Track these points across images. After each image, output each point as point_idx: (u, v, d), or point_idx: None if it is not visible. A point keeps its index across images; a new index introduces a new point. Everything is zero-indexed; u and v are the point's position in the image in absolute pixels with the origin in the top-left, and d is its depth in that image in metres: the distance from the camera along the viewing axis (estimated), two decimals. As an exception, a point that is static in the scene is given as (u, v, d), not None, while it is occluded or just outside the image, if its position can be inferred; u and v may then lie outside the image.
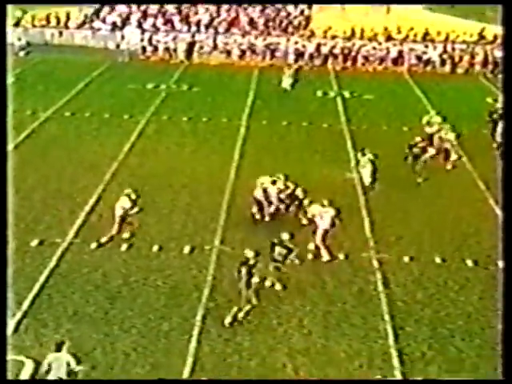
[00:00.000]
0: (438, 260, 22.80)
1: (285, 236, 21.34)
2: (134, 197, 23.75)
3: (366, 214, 25.92)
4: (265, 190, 24.88)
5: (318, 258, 22.56)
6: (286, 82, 43.79)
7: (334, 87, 45.58)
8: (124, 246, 23.04)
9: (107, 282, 21.02)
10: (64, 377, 15.90)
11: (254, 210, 24.93)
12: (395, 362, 17.62)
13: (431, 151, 29.18)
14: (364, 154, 28.05)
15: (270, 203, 24.90)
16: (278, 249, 21.18)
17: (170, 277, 21.42)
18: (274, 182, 25.00)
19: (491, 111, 34.86)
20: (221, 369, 17.15)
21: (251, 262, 19.29)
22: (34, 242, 23.24)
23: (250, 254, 19.60)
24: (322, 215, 23.00)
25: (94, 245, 23.12)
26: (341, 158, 28.25)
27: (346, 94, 43.57)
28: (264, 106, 40.33)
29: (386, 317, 19.54)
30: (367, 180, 27.63)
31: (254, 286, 19.42)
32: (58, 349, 16.13)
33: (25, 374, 16.63)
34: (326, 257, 22.67)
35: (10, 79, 43.34)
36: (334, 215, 22.95)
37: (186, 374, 16.79)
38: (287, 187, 24.88)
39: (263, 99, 41.66)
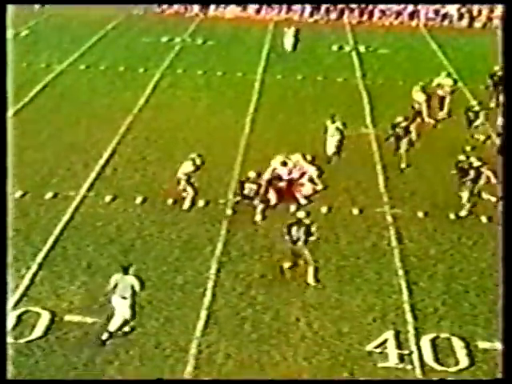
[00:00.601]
0: (451, 216, 22.76)
1: (252, 174, 21.98)
2: (198, 162, 22.81)
3: (380, 169, 25.86)
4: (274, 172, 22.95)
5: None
6: (288, 43, 42.11)
7: (350, 41, 45.29)
8: (138, 199, 23.09)
9: (121, 235, 21.09)
10: (128, 298, 16.06)
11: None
12: (408, 316, 17.63)
13: (414, 132, 26.67)
14: (334, 122, 26.27)
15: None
16: (247, 185, 21.95)
17: (183, 230, 21.46)
18: (284, 164, 22.98)
19: (491, 74, 32.94)
20: (234, 322, 17.21)
21: (305, 221, 19.01)
22: (49, 195, 23.31)
23: (301, 214, 19.34)
24: (302, 169, 22.93)
25: (108, 198, 23.19)
26: (356, 113, 28.07)
27: (362, 49, 43.31)
28: (279, 60, 40.13)
29: (400, 272, 19.54)
30: (331, 150, 25.94)
31: (310, 243, 19.21)
32: (125, 271, 16.27)
33: (41, 325, 16.76)
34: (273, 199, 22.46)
35: (24, 32, 43.27)
36: (313, 174, 22.94)
37: (199, 327, 16.88)
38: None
39: (278, 53, 41.43)
